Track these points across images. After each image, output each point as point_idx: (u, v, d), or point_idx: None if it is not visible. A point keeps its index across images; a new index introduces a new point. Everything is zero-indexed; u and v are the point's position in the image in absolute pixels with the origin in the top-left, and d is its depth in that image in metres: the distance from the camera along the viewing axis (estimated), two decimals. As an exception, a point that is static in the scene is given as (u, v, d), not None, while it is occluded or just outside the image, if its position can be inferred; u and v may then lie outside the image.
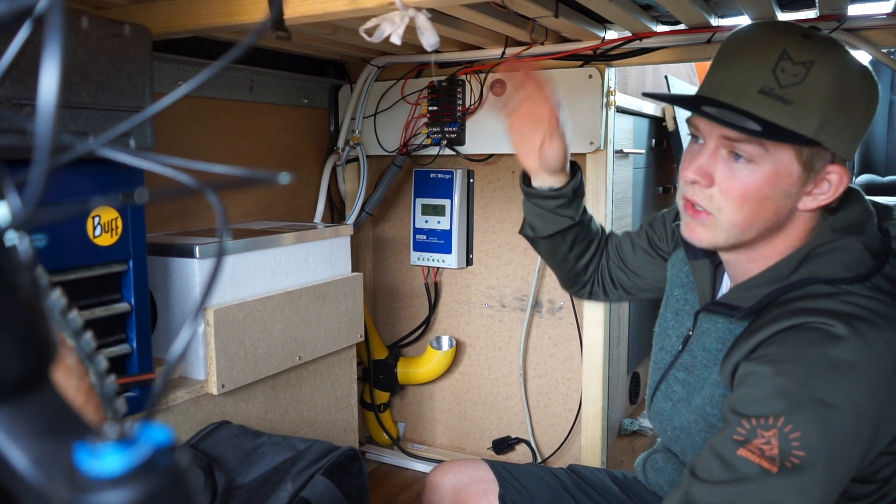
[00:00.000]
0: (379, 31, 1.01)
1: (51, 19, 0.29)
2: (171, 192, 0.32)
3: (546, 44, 1.66)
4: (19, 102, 0.92)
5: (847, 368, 0.76)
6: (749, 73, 0.86)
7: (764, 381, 0.79)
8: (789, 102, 0.83)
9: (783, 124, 0.83)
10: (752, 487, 0.76)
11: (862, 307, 0.80)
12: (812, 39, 0.86)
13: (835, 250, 0.87)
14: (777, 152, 0.85)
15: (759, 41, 0.87)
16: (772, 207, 0.87)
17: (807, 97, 0.83)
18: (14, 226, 0.32)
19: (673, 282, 1.11)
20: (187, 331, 0.32)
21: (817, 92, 0.83)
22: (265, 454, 1.16)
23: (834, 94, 0.84)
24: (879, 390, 0.76)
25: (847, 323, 0.78)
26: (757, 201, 0.87)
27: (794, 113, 0.83)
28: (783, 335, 0.82)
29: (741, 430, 0.78)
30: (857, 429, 0.76)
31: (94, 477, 0.28)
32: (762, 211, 0.87)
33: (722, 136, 0.87)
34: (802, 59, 0.84)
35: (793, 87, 0.83)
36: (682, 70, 3.10)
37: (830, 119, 0.84)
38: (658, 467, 1.13)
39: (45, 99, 0.28)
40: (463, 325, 2.05)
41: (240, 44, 0.35)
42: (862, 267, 0.85)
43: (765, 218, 0.88)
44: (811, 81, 0.83)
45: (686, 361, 1.01)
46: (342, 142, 1.95)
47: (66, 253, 1.04)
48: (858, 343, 0.77)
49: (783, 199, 0.87)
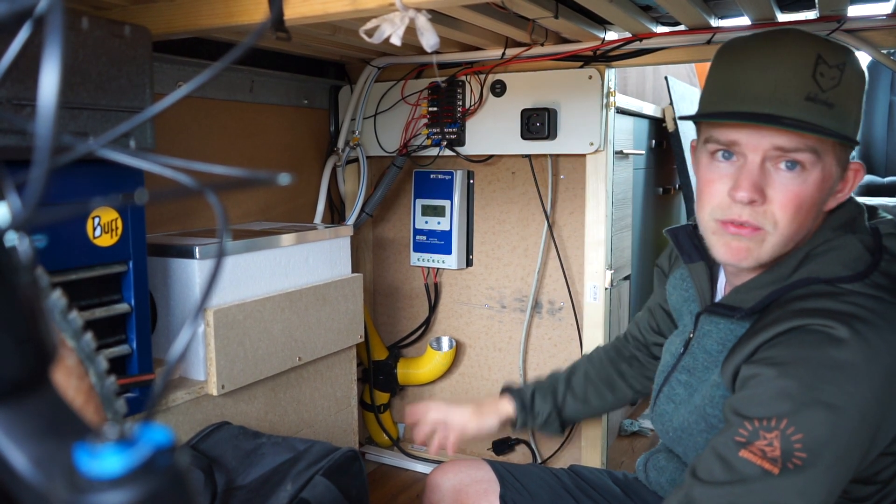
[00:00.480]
0: (379, 31, 1.01)
1: (51, 20, 0.29)
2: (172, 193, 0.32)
3: (546, 45, 1.66)
4: (20, 103, 0.92)
5: (850, 370, 0.76)
6: (790, 81, 0.84)
7: (767, 383, 0.79)
8: (832, 106, 0.84)
9: (832, 128, 0.84)
10: (754, 488, 0.76)
11: (862, 307, 0.80)
12: (831, 42, 0.88)
13: (834, 249, 0.87)
14: (825, 157, 0.86)
15: (788, 50, 0.85)
16: (815, 213, 0.88)
17: (845, 98, 0.85)
18: (14, 226, 0.32)
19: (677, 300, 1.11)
20: (187, 331, 0.32)
21: (852, 92, 0.86)
22: (265, 455, 1.16)
23: (862, 92, 0.88)
24: (881, 391, 0.76)
25: (848, 325, 0.78)
26: (807, 209, 0.86)
27: (837, 115, 0.84)
28: (785, 337, 0.81)
29: (743, 431, 0.78)
30: (859, 430, 0.76)
31: (94, 477, 0.28)
32: (808, 218, 0.87)
33: (774, 147, 0.85)
34: (836, 61, 0.85)
35: (833, 91, 0.84)
36: (682, 71, 3.10)
37: (859, 116, 0.87)
38: (660, 466, 1.13)
39: (46, 99, 0.28)
40: (463, 326, 2.05)
41: (240, 44, 0.35)
42: (861, 265, 0.85)
43: (808, 226, 0.88)
44: (846, 82, 0.85)
45: (687, 363, 1.01)
46: (342, 142, 1.95)
47: (67, 253, 1.04)
48: (860, 345, 0.77)
49: (821, 203, 0.88)
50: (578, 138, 1.72)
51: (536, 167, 1.86)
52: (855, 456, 0.77)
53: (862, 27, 1.39)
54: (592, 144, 1.71)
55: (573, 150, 1.74)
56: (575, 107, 1.71)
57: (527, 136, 1.74)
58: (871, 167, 3.18)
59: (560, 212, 1.89)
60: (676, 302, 1.10)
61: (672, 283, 1.12)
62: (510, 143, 1.80)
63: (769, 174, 0.85)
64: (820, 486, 0.75)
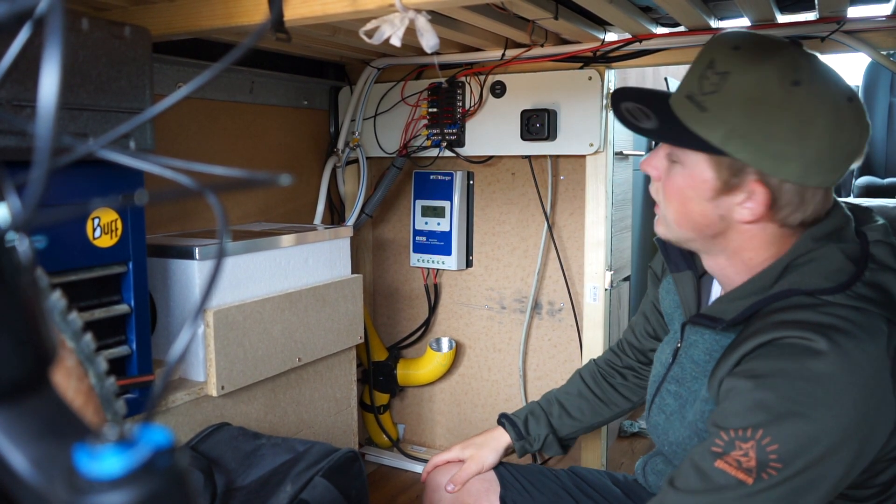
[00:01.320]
0: (379, 32, 1.01)
1: (51, 21, 0.29)
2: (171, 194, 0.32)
3: (546, 46, 1.66)
4: (19, 104, 0.92)
5: (828, 382, 0.76)
6: (687, 77, 0.90)
7: (745, 394, 0.79)
8: (704, 109, 0.85)
9: (694, 129, 0.85)
10: (725, 497, 0.76)
11: (842, 318, 0.79)
12: (743, 51, 0.85)
13: (814, 260, 0.86)
14: (692, 156, 0.88)
15: (702, 50, 0.90)
16: (698, 210, 0.89)
17: (719, 106, 0.84)
18: (14, 227, 0.32)
19: (669, 306, 1.11)
20: (187, 332, 0.32)
21: (729, 101, 0.84)
22: (265, 456, 1.16)
23: (748, 105, 0.83)
24: (861, 402, 0.76)
25: (827, 336, 0.77)
26: (681, 201, 0.91)
27: (705, 120, 0.85)
28: (765, 349, 0.81)
29: (720, 441, 0.79)
30: (838, 442, 0.75)
31: (94, 478, 0.28)
32: (688, 212, 0.90)
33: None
34: (722, 69, 0.85)
35: (710, 96, 0.85)
36: (681, 72, 3.10)
37: (739, 130, 0.83)
38: (658, 470, 1.13)
39: (46, 100, 0.28)
40: (463, 327, 2.05)
41: (240, 45, 0.35)
42: (842, 276, 0.84)
43: (694, 220, 0.91)
44: (726, 91, 0.84)
45: (677, 374, 1.01)
46: (342, 143, 1.95)
47: (66, 254, 1.04)
48: (839, 357, 0.76)
49: (706, 205, 0.89)
50: (578, 139, 1.72)
51: (536, 168, 1.86)
52: (837, 467, 0.76)
53: (861, 28, 1.39)
54: (592, 145, 1.71)
55: (573, 151, 1.74)
56: (575, 108, 1.71)
57: (527, 137, 1.75)
58: (870, 168, 3.18)
59: (560, 213, 1.89)
60: (668, 307, 1.10)
61: (665, 288, 1.12)
62: (510, 144, 1.80)
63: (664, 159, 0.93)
64: (795, 498, 0.75)
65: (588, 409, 1.27)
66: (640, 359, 1.27)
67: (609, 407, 1.28)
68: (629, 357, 1.28)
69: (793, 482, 0.75)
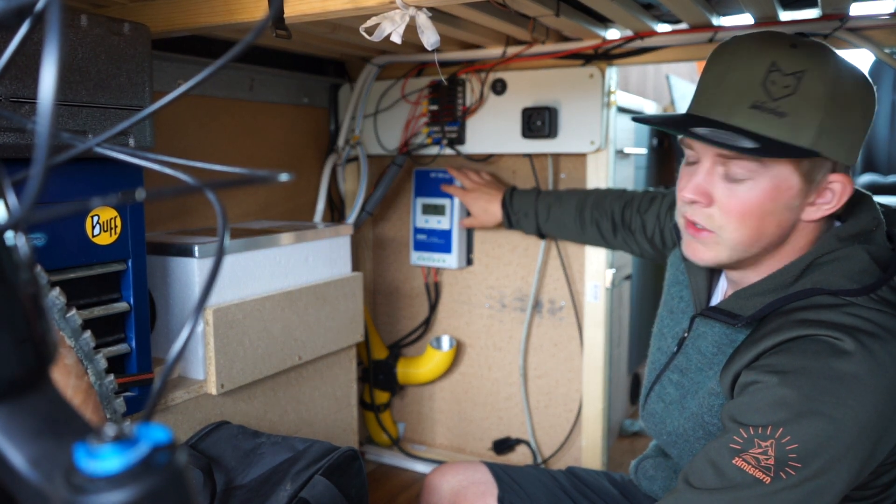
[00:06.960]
0: (379, 29, 1.01)
1: (50, 17, 0.28)
2: (171, 191, 0.32)
3: (547, 43, 1.66)
4: (18, 101, 0.92)
5: (852, 382, 0.75)
6: (738, 88, 0.85)
7: (766, 390, 0.78)
8: (783, 115, 0.82)
9: (779, 137, 0.82)
10: (742, 496, 0.76)
11: (867, 320, 0.79)
12: (801, 48, 0.84)
13: (839, 260, 0.85)
14: (775, 166, 0.84)
15: (747, 55, 0.86)
16: (774, 222, 0.86)
17: (801, 108, 0.82)
18: (12, 225, 0.31)
19: (670, 279, 1.11)
20: (186, 330, 0.32)
21: (811, 101, 0.82)
22: (264, 454, 1.16)
23: (828, 101, 0.82)
24: (883, 405, 0.76)
25: (854, 337, 0.77)
26: (758, 217, 0.86)
27: (788, 125, 0.82)
28: (788, 345, 0.81)
29: (738, 438, 0.78)
30: (856, 443, 0.75)
31: (93, 476, 0.28)
32: (765, 226, 0.87)
33: (717, 155, 0.86)
34: (793, 69, 0.83)
35: (785, 99, 0.82)
36: (683, 69, 3.10)
37: (827, 127, 0.82)
38: (649, 476, 1.12)
39: (44, 97, 0.28)
40: (463, 326, 2.05)
41: (240, 42, 0.34)
42: (867, 278, 0.83)
43: (768, 233, 0.87)
44: (804, 91, 0.82)
45: (681, 363, 1.00)
46: (342, 141, 1.95)
47: (65, 252, 1.04)
48: (864, 357, 0.76)
49: (785, 213, 0.86)
50: (579, 137, 1.72)
51: (537, 166, 1.86)
52: (852, 468, 0.76)
53: (865, 26, 1.39)
54: (593, 143, 1.71)
55: (574, 149, 1.74)
56: (576, 105, 1.71)
57: (527, 135, 1.74)
58: (873, 166, 3.17)
59: (560, 211, 1.89)
60: (671, 282, 1.10)
61: (671, 261, 1.12)
62: (511, 142, 1.79)
63: (717, 178, 0.87)
64: (811, 497, 0.75)
65: (572, 221, 1.58)
66: (615, 214, 1.46)
67: (584, 231, 1.57)
68: (615, 207, 1.46)
69: (810, 482, 0.74)
